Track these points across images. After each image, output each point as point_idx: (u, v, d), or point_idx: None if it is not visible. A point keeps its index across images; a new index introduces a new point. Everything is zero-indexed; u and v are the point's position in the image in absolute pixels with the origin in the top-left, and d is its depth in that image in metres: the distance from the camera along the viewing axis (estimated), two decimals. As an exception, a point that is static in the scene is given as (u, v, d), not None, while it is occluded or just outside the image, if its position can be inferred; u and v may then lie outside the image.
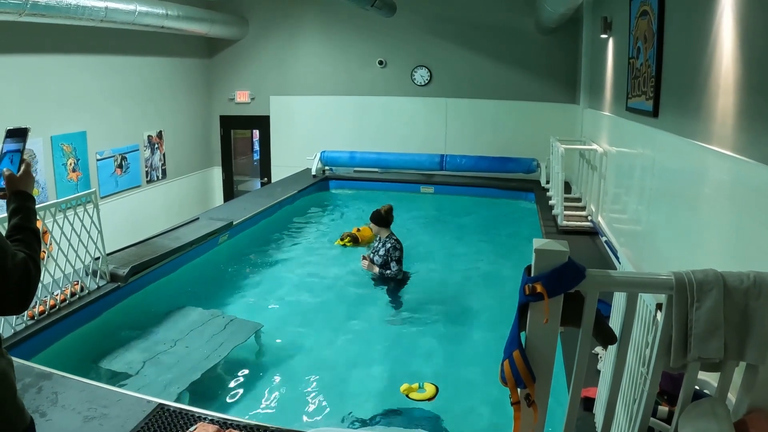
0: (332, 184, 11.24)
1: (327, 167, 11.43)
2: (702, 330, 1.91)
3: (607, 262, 5.91)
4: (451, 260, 7.36)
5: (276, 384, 4.47)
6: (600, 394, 2.85)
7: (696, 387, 2.14)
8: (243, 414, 3.97)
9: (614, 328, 2.15)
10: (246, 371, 4.63)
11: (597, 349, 3.62)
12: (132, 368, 4.31)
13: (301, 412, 4.09)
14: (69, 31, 7.91)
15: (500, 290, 6.15)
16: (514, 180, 10.66)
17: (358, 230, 7.60)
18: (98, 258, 5.15)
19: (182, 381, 4.11)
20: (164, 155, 10.71)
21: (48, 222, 4.50)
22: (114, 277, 5.29)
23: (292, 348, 5.03)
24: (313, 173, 11.08)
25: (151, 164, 10.35)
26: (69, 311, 4.69)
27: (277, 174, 11.93)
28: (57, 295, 4.69)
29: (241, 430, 3.04)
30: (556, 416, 2.31)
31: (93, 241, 5.01)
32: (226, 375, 4.51)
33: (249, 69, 12.07)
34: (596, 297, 1.99)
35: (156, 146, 10.44)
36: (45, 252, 4.59)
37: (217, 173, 12.60)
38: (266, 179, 12.33)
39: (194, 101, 11.73)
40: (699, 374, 2.09)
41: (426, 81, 11.36)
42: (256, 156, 13.29)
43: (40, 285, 4.35)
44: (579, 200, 8.25)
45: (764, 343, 1.89)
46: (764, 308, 1.89)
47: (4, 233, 1.89)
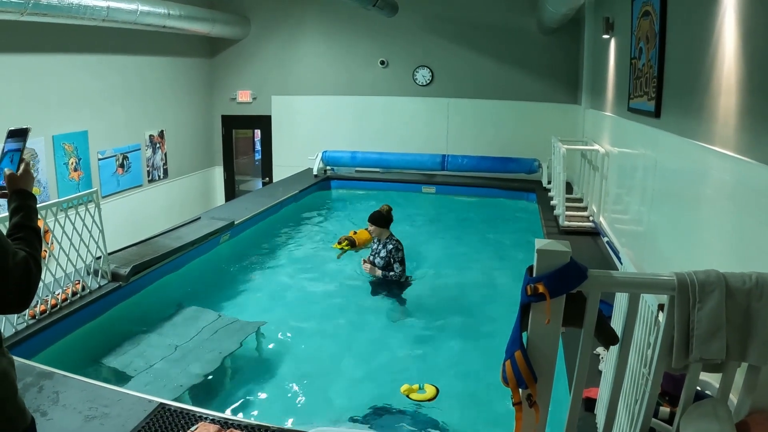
0: (334, 184, 11.24)
1: (328, 167, 11.42)
2: (704, 331, 1.91)
3: (609, 263, 5.90)
4: (452, 260, 7.35)
5: (277, 384, 4.47)
6: (601, 395, 2.85)
7: (698, 388, 2.13)
8: (244, 414, 3.98)
9: (616, 329, 2.14)
10: (247, 371, 4.63)
11: (598, 350, 3.61)
12: (133, 368, 4.31)
13: (302, 412, 4.09)
14: (71, 31, 7.92)
15: (501, 290, 6.15)
16: (516, 180, 10.65)
17: (355, 233, 7.53)
18: (99, 257, 5.15)
19: (183, 380, 4.11)
20: (166, 155, 10.71)
21: (49, 221, 4.50)
22: (115, 277, 5.29)
23: (293, 348, 5.03)
24: (315, 173, 11.08)
25: (153, 164, 10.35)
26: (70, 310, 4.69)
27: (279, 174, 11.93)
28: (58, 295, 4.69)
29: (242, 430, 3.03)
30: (558, 417, 2.30)
31: (94, 241, 5.01)
32: (227, 375, 4.51)
33: (251, 69, 12.07)
34: (598, 297, 1.99)
35: (157, 146, 10.44)
36: (46, 251, 4.59)
37: (219, 173, 12.60)
38: (268, 179, 12.33)
39: (196, 101, 11.74)
40: (701, 375, 2.09)
41: (428, 81, 11.36)
42: (258, 156, 13.30)
43: (42, 284, 4.37)
44: (580, 201, 8.24)
45: (766, 344, 1.89)
46: (766, 309, 1.89)
47: (5, 232, 1.89)
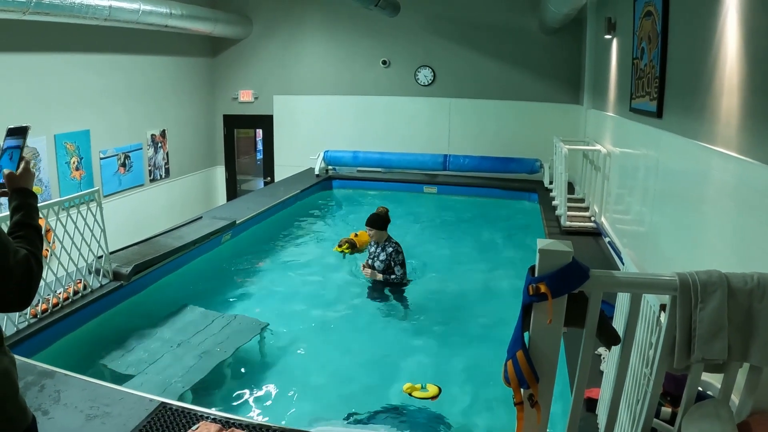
0: (335, 184, 11.24)
1: (330, 167, 11.42)
2: (706, 331, 1.91)
3: (610, 263, 5.90)
4: (453, 260, 7.35)
5: (278, 383, 4.46)
6: (603, 395, 2.85)
7: (699, 388, 2.13)
8: (245, 413, 3.98)
9: (617, 329, 2.14)
10: (248, 370, 4.63)
11: (600, 350, 3.61)
12: (134, 367, 4.31)
13: (304, 411, 4.09)
14: (73, 30, 7.92)
15: (503, 290, 6.15)
16: (517, 180, 10.64)
17: (356, 235, 7.46)
18: (101, 256, 5.16)
19: (184, 380, 4.11)
20: (167, 154, 10.72)
21: (51, 220, 4.50)
22: (117, 276, 5.30)
23: (295, 347, 5.03)
24: (316, 173, 11.08)
25: (155, 163, 10.36)
26: (72, 309, 4.69)
27: (280, 173, 11.93)
28: (60, 294, 4.70)
29: (244, 429, 3.03)
30: (559, 417, 2.30)
31: (96, 240, 5.02)
32: (229, 374, 4.51)
33: (252, 68, 12.07)
34: (600, 297, 1.98)
35: (159, 145, 10.44)
36: (48, 250, 4.60)
37: (220, 172, 12.61)
38: (269, 179, 12.33)
39: (198, 100, 11.74)
40: (702, 375, 2.09)
41: (429, 81, 11.35)
42: (259, 155, 13.29)
43: (43, 283, 4.38)
44: (582, 201, 8.23)
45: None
46: (768, 309, 1.89)
47: (6, 230, 1.89)
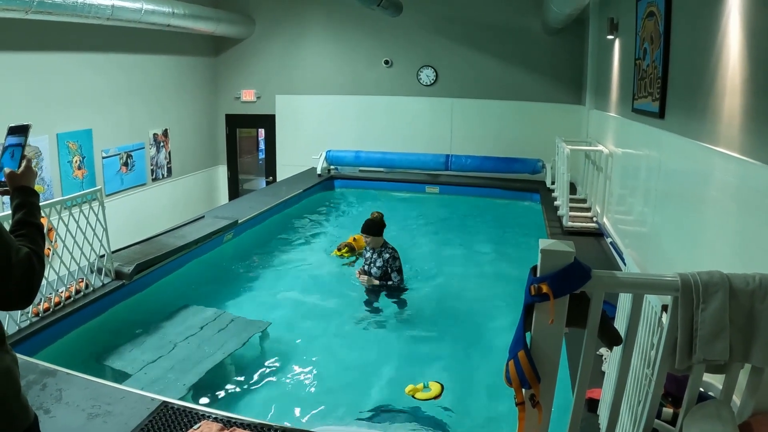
0: (337, 184, 11.24)
1: (332, 166, 11.43)
2: (707, 332, 1.90)
3: (612, 264, 5.89)
4: (455, 260, 7.35)
5: (280, 383, 4.47)
6: (604, 396, 2.84)
7: (701, 389, 2.13)
8: (247, 412, 3.97)
9: (619, 330, 2.14)
10: (250, 370, 4.63)
11: (601, 351, 3.61)
12: (136, 366, 4.32)
13: (305, 411, 4.09)
14: (75, 29, 7.93)
15: (504, 290, 6.14)
16: (520, 180, 10.64)
17: (354, 239, 7.36)
18: (103, 256, 5.17)
19: (186, 379, 4.12)
20: (170, 153, 10.73)
21: (53, 219, 4.51)
22: (119, 275, 5.31)
23: (297, 347, 5.04)
24: (319, 172, 11.09)
25: (157, 162, 10.37)
26: (74, 308, 4.70)
27: (283, 173, 11.94)
28: (62, 293, 4.71)
29: (245, 429, 3.03)
30: (561, 417, 2.30)
31: (98, 239, 5.02)
32: (231, 373, 4.52)
33: (255, 68, 12.07)
34: (602, 298, 1.98)
35: (161, 144, 10.45)
36: (50, 249, 4.60)
37: (223, 172, 12.62)
38: (271, 178, 12.34)
39: (200, 100, 11.75)
40: (704, 376, 2.09)
41: (432, 81, 11.35)
42: (262, 155, 13.29)
43: (45, 282, 4.39)
44: (584, 201, 8.23)
45: (770, 346, 1.89)
46: (770, 310, 1.88)
47: (8, 229, 1.89)
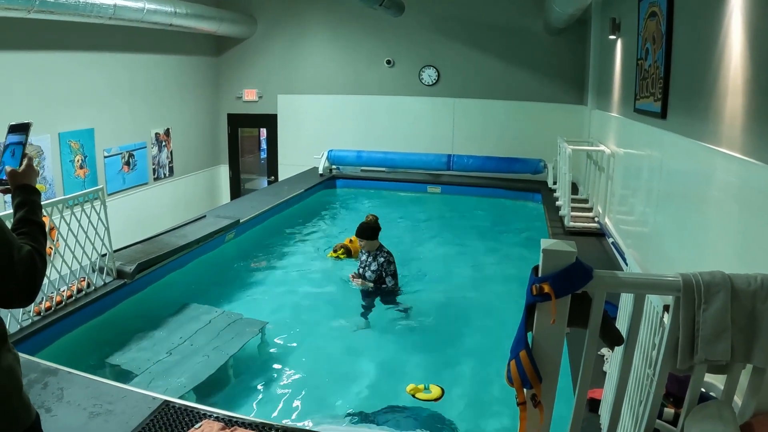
0: (339, 183, 11.25)
1: (334, 166, 11.44)
2: (709, 332, 1.90)
3: (614, 264, 5.88)
4: (456, 260, 7.35)
5: (281, 382, 4.47)
6: (606, 396, 2.84)
7: (702, 389, 2.12)
8: (248, 411, 3.98)
9: (621, 330, 2.14)
10: (251, 369, 4.64)
11: (603, 351, 3.61)
12: (137, 365, 4.32)
13: (307, 411, 4.10)
14: (77, 29, 7.94)
15: (506, 290, 6.14)
16: (521, 180, 10.64)
17: (351, 241, 7.26)
18: (105, 255, 5.17)
19: (188, 378, 4.12)
20: (171, 153, 10.74)
21: (55, 218, 4.51)
22: (120, 274, 5.31)
23: (298, 346, 5.04)
24: (320, 172, 11.09)
25: (159, 162, 10.38)
26: (75, 307, 4.71)
27: (284, 172, 11.95)
28: (63, 291, 4.71)
29: (246, 428, 3.03)
30: (562, 417, 2.30)
31: (100, 238, 5.03)
32: (232, 372, 4.52)
33: (257, 67, 12.08)
34: (603, 298, 1.98)
35: (163, 144, 10.46)
36: (52, 248, 4.61)
37: (224, 171, 12.63)
38: (273, 178, 12.35)
39: (202, 99, 11.76)
40: (705, 377, 2.08)
41: (434, 81, 11.35)
42: (263, 154, 13.30)
43: (47, 281, 4.39)
44: (586, 201, 8.22)
45: (771, 346, 1.88)
46: (772, 311, 1.88)
47: (10, 227, 1.89)
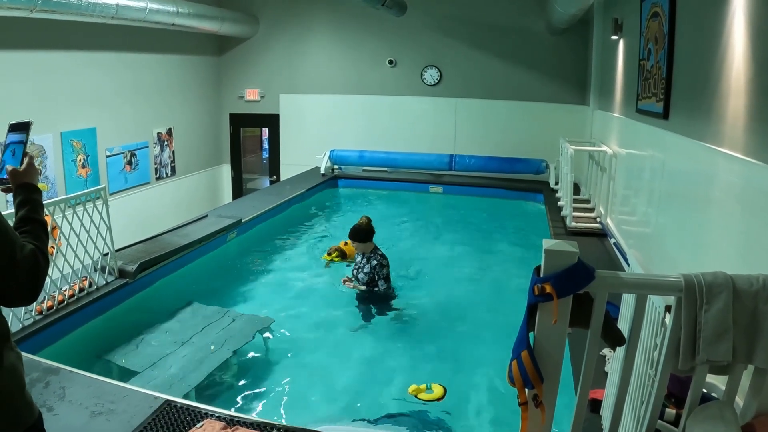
0: (341, 183, 11.25)
1: (336, 166, 11.44)
2: (711, 333, 1.90)
3: (616, 264, 5.88)
4: (458, 260, 7.34)
5: (283, 382, 4.47)
6: (607, 396, 2.84)
7: (704, 390, 2.12)
8: (250, 411, 3.99)
9: (622, 330, 2.14)
10: (253, 368, 4.64)
11: (604, 351, 3.60)
12: (139, 364, 4.32)
13: (309, 410, 4.10)
14: (80, 28, 7.94)
15: (508, 290, 6.14)
16: (523, 181, 10.63)
17: (346, 244, 7.09)
18: (107, 254, 5.17)
19: (190, 377, 4.12)
20: (173, 152, 10.74)
21: (57, 217, 4.52)
22: (122, 274, 5.31)
23: (300, 346, 5.03)
24: (322, 172, 11.09)
25: (161, 161, 10.38)
26: (77, 306, 4.71)
27: (286, 172, 11.94)
28: (65, 291, 4.71)
29: (248, 427, 3.04)
30: (564, 417, 2.30)
31: (102, 237, 5.03)
32: (233, 372, 4.52)
33: (259, 67, 12.08)
34: (605, 298, 1.98)
35: (165, 143, 10.47)
36: (54, 247, 4.62)
37: (226, 171, 12.63)
38: (275, 177, 12.35)
39: (204, 99, 11.76)
40: (707, 377, 2.08)
41: (436, 81, 11.35)
42: (265, 154, 13.30)
43: (49, 280, 4.38)
44: (588, 202, 8.22)
45: (774, 347, 1.88)
46: (774, 311, 1.88)
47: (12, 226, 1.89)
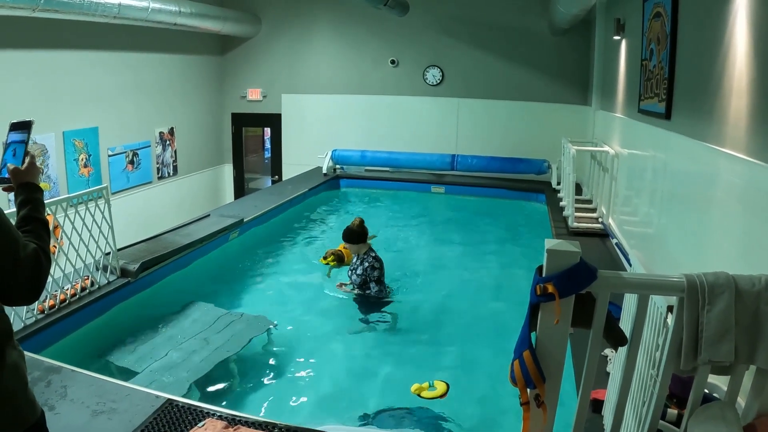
0: (343, 183, 11.25)
1: (338, 166, 11.43)
2: (713, 333, 1.90)
3: (618, 265, 5.88)
4: (459, 260, 7.34)
5: (285, 381, 4.47)
6: (609, 396, 2.84)
7: (705, 390, 2.12)
8: (252, 410, 3.98)
9: (624, 330, 2.14)
10: (255, 368, 4.64)
11: (606, 351, 3.60)
12: (141, 363, 4.33)
13: (310, 410, 4.10)
14: (82, 28, 7.95)
15: (510, 290, 6.14)
16: (525, 181, 10.63)
17: (345, 247, 6.67)
18: (109, 253, 5.18)
19: (191, 377, 4.13)
20: (175, 152, 10.75)
21: (59, 217, 4.52)
22: (124, 273, 5.31)
23: (301, 345, 5.03)
24: (324, 172, 11.09)
25: (163, 161, 10.39)
26: (79, 306, 4.71)
27: (288, 172, 11.94)
28: (67, 290, 4.72)
29: (250, 427, 3.04)
30: (565, 417, 2.30)
31: (104, 237, 5.03)
32: (235, 371, 4.52)
33: (261, 67, 12.09)
34: (607, 298, 1.98)
35: (167, 143, 10.47)
36: (56, 246, 4.62)
37: (228, 170, 12.64)
38: (277, 177, 12.35)
39: (206, 98, 11.77)
40: (709, 377, 2.08)
41: (438, 81, 11.34)
42: (267, 154, 13.31)
43: (51, 279, 4.39)
44: (590, 202, 8.21)
45: (776, 347, 1.88)
46: (776, 312, 1.88)
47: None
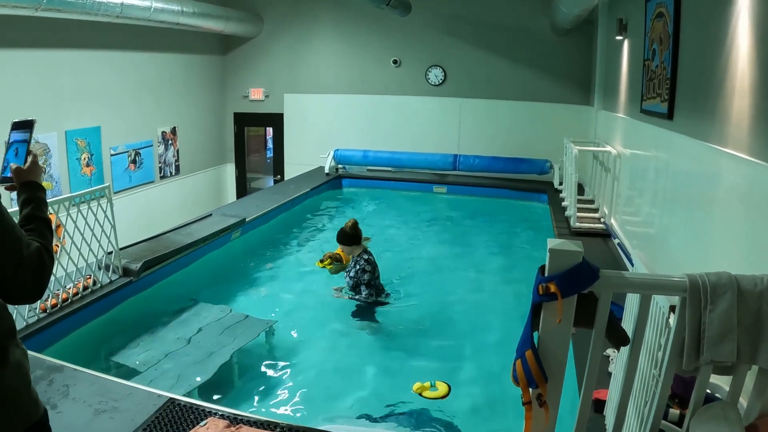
0: (345, 183, 11.25)
1: (340, 166, 11.43)
2: (715, 333, 1.90)
3: (620, 265, 5.87)
4: (462, 260, 7.34)
5: (287, 380, 4.48)
6: (611, 396, 2.84)
7: (707, 390, 2.12)
8: (254, 409, 3.98)
9: (627, 330, 2.13)
10: (257, 367, 4.65)
11: (608, 351, 3.60)
12: (143, 362, 4.33)
13: (312, 409, 4.10)
14: (85, 27, 7.96)
15: (512, 290, 6.13)
16: (527, 181, 10.61)
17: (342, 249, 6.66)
18: (111, 252, 5.18)
19: (193, 376, 4.13)
20: (178, 151, 10.76)
21: (62, 216, 4.53)
22: (126, 272, 5.32)
23: (304, 345, 5.04)
24: (326, 171, 11.10)
25: (165, 160, 10.40)
26: (81, 305, 4.72)
27: (291, 172, 11.95)
28: (69, 289, 4.72)
29: (252, 426, 3.04)
30: (567, 417, 2.30)
31: (106, 236, 5.04)
32: (238, 371, 4.53)
33: (263, 66, 12.09)
34: (609, 298, 1.98)
35: (170, 142, 10.48)
36: (58, 245, 4.62)
37: (230, 170, 12.64)
38: (279, 177, 12.35)
39: (208, 98, 11.78)
40: (711, 378, 2.08)
41: (440, 81, 11.34)
42: (270, 153, 13.31)
43: (53, 278, 4.40)
44: (592, 202, 8.21)
45: (777, 347, 1.88)
46: (778, 312, 1.88)
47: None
